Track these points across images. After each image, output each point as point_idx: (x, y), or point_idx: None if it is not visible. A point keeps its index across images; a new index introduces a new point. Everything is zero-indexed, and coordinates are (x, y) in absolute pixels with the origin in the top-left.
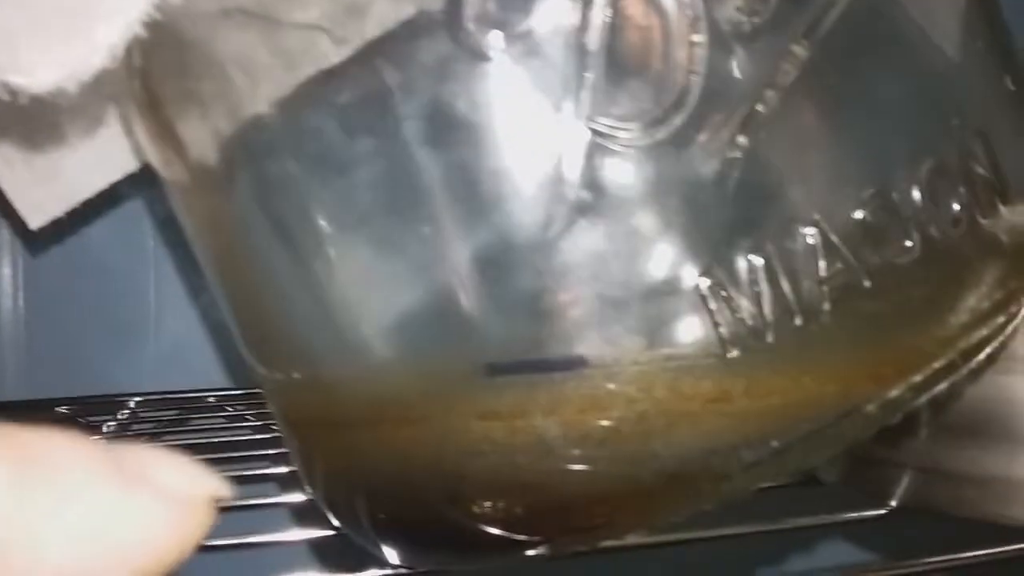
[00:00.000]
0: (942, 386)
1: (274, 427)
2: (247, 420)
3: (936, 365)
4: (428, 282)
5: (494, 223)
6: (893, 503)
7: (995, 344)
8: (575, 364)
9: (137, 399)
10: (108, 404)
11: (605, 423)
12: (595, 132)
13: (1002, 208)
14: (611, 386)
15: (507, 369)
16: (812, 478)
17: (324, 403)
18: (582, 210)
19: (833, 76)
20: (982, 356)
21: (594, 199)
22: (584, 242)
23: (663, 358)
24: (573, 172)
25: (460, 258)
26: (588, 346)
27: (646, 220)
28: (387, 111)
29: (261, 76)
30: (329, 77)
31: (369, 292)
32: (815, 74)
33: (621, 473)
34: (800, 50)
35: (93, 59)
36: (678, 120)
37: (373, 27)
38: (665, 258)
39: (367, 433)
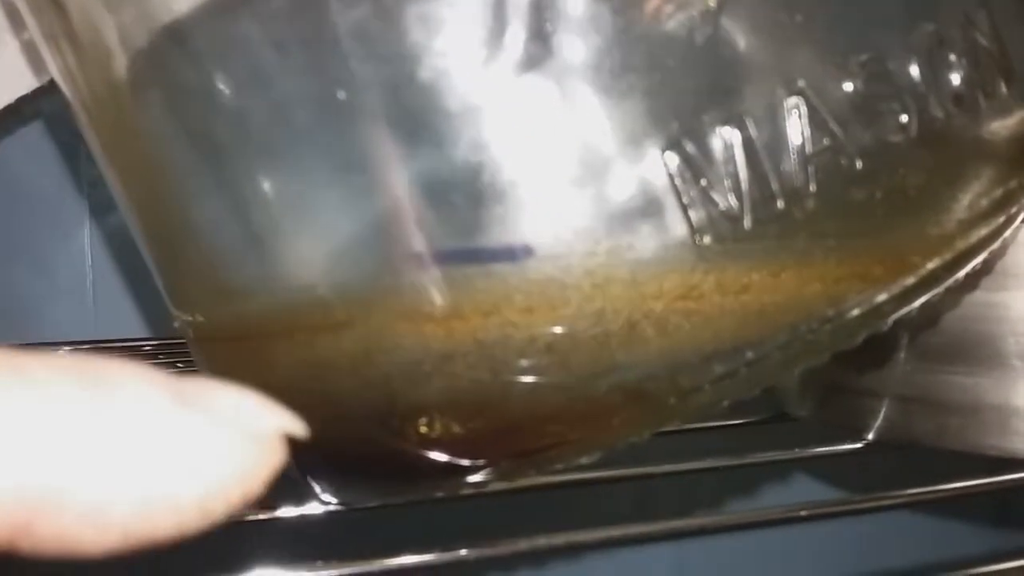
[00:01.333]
0: (936, 292)
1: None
2: (176, 367)
3: (931, 266)
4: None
5: (424, 86)
6: (869, 436)
7: (993, 247)
8: (519, 254)
9: (67, 348)
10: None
11: (555, 325)
12: None
13: (1004, 89)
14: (562, 280)
15: (439, 260)
16: (783, 413)
17: (240, 323)
18: (527, 67)
19: None
20: (979, 260)
21: (541, 54)
22: (529, 107)
23: (623, 247)
24: (517, 20)
25: (387, 132)
26: (534, 233)
27: (603, 81)
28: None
29: None
30: None
31: (301, 203)
32: None
33: (574, 385)
34: None
35: None
36: None
37: None
38: (626, 128)
39: (281, 345)
